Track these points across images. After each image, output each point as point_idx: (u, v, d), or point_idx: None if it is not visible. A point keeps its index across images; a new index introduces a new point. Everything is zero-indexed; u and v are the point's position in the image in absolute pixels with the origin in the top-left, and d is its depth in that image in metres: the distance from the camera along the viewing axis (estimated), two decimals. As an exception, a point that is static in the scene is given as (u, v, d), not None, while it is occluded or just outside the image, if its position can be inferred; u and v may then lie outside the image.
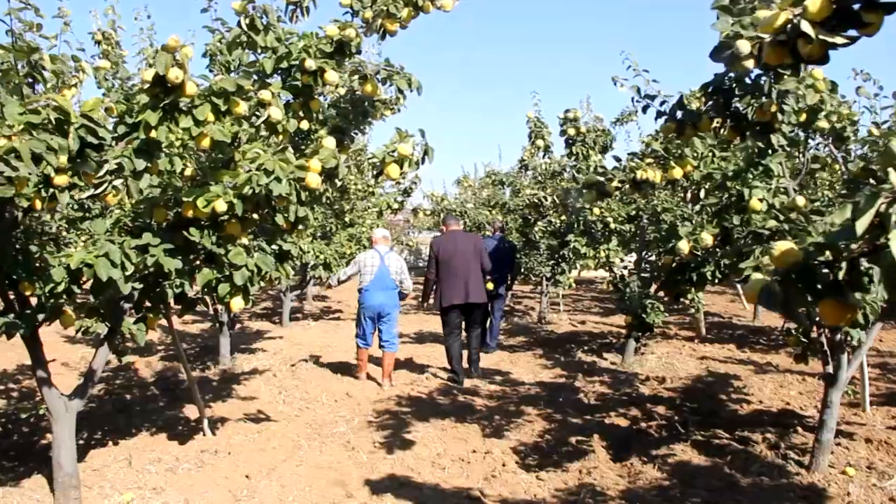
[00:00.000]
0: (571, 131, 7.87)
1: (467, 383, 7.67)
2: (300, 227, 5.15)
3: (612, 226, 8.53)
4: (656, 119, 4.16)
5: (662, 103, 4.11)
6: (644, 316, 7.67)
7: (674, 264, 5.49)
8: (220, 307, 8.31)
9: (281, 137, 4.45)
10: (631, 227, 9.10)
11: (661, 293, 5.92)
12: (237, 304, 4.14)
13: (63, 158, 2.85)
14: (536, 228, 12.26)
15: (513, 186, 14.14)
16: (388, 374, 7.60)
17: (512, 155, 25.61)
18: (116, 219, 4.91)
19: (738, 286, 12.61)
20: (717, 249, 5.04)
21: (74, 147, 2.88)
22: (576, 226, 8.82)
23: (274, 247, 7.69)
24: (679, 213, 8.13)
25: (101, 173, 3.20)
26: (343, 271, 8.24)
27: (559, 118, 7.91)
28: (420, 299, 8.24)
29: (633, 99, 4.17)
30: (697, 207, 4.76)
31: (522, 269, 13.09)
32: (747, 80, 3.97)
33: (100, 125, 3.00)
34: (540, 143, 8.49)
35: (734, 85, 4.03)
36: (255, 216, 4.32)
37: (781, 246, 1.84)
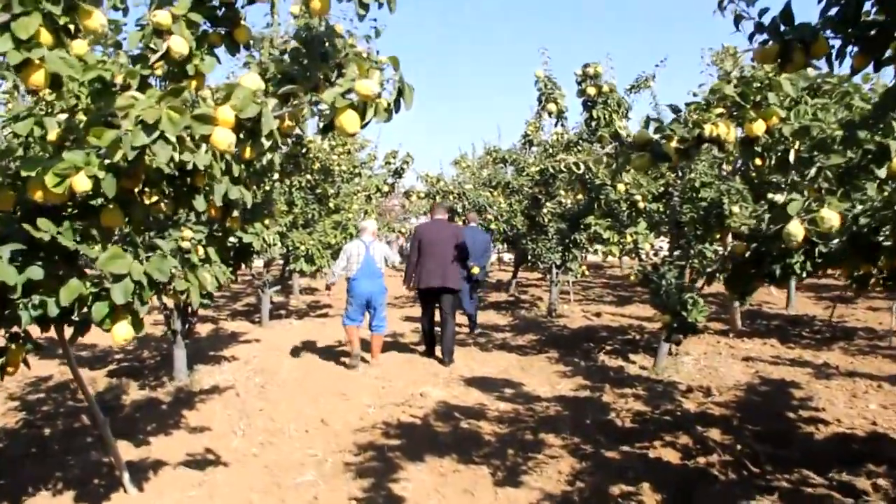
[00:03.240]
0: (591, 90, 6.44)
1: (471, 401, 6.28)
2: (234, 213, 3.77)
3: (641, 205, 7.11)
4: (751, 38, 2.74)
5: (763, 12, 2.69)
6: (684, 314, 6.33)
7: (747, 253, 4.11)
8: (171, 309, 6.94)
9: (195, 84, 3.04)
10: (659, 206, 7.69)
11: (722, 288, 4.56)
12: (121, 333, 2.72)
13: None
14: (545, 210, 10.86)
15: (516, 164, 12.74)
16: (376, 354, 7.97)
17: (512, 135, 24.16)
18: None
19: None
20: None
21: None
22: (596, 206, 7.41)
23: (232, 239, 6.29)
24: (724, 188, 6.76)
25: None
26: (336, 265, 8.24)
27: (576, 75, 6.47)
28: (403, 280, 8.79)
29: (720, 4, 2.75)
30: (811, 171, 3.32)
31: (529, 256, 11.74)
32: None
33: None
34: (552, 107, 7.04)
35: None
36: (155, 198, 2.92)
37: None
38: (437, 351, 8.23)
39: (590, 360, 8.05)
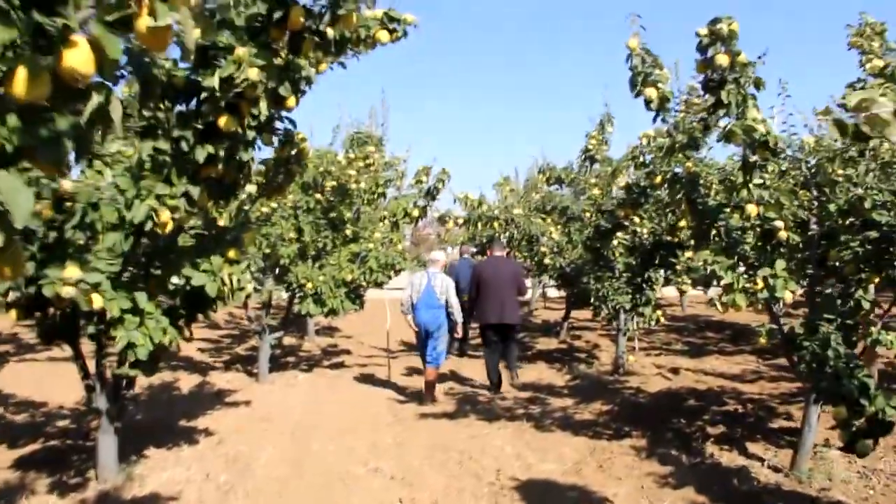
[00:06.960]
0: (722, 59, 4.21)
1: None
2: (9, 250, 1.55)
3: (783, 234, 4.84)
4: None
5: None
6: (864, 403, 4.12)
7: None
8: (91, 375, 4.81)
9: None
10: (794, 237, 5.39)
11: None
12: None
13: None
14: (616, 243, 8.62)
15: (574, 185, 10.53)
16: (429, 389, 7.95)
17: (561, 151, 21.67)
18: None
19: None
20: None
21: None
22: (713, 236, 5.15)
23: (176, 280, 4.21)
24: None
25: None
26: (404, 297, 8.24)
27: (699, 36, 4.27)
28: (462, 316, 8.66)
29: None
30: None
31: (592, 299, 9.47)
32: None
33: None
34: (650, 92, 4.79)
35: None
36: None
37: None
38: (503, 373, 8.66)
39: (691, 450, 5.72)
